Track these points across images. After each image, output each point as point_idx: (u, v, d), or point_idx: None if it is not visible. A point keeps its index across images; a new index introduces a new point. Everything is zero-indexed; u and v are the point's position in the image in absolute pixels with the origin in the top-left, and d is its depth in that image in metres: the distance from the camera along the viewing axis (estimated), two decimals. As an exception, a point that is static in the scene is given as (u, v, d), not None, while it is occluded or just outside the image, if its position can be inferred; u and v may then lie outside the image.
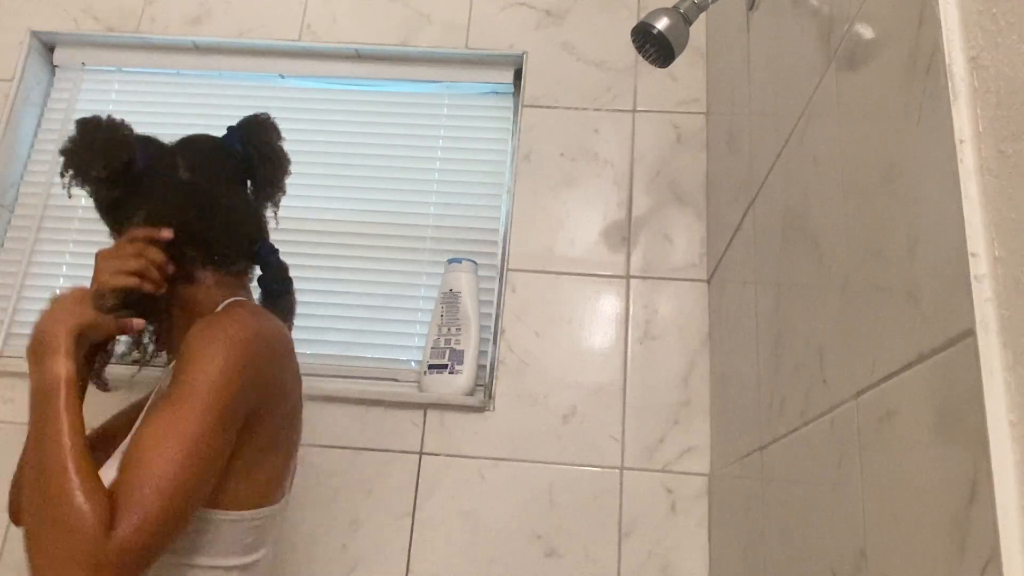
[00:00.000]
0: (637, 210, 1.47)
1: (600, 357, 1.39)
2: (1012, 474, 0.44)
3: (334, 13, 1.63)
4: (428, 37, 1.61)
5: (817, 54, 0.83)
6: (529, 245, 1.46)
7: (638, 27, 1.07)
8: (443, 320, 1.41)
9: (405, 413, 1.37)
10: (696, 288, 1.41)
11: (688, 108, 1.52)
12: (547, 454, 1.34)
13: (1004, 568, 0.43)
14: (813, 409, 0.78)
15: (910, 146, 0.59)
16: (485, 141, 1.60)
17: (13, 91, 1.59)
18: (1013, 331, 0.46)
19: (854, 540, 0.65)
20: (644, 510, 1.30)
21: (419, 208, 1.55)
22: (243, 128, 1.09)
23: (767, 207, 1.01)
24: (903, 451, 0.57)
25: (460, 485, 1.33)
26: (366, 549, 1.31)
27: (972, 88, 0.52)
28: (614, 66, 1.55)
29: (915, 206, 0.57)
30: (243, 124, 1.10)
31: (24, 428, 0.84)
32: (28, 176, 1.62)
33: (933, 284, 0.54)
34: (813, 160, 0.82)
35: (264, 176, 1.09)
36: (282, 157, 1.11)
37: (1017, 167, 0.47)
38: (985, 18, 0.51)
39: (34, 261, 1.56)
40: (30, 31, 1.64)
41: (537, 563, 1.29)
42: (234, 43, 1.64)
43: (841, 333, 0.71)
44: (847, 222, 0.71)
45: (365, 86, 1.65)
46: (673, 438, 1.33)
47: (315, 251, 1.53)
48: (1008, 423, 0.45)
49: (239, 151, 1.08)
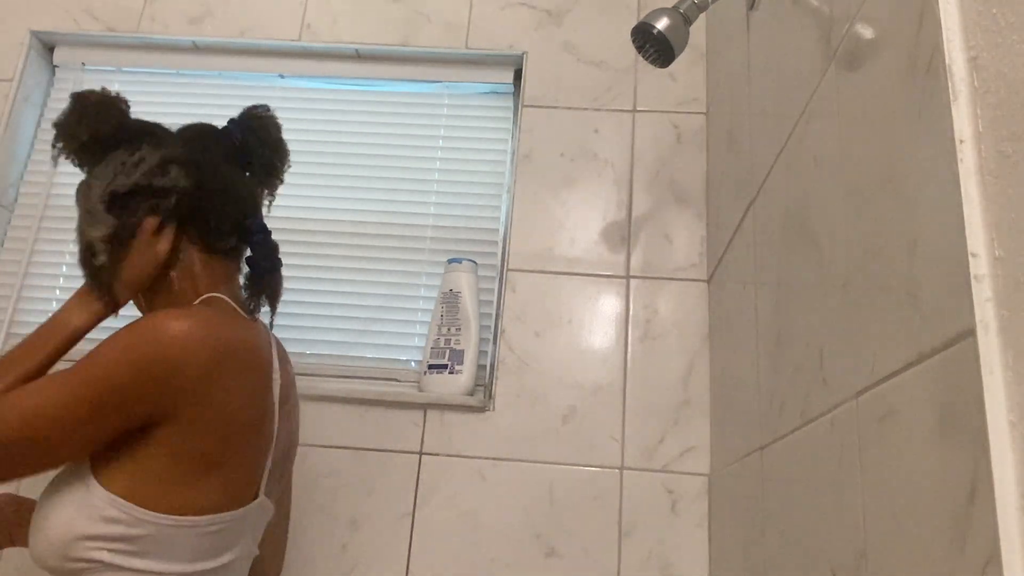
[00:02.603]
0: (637, 210, 1.47)
1: (600, 357, 1.39)
2: (1012, 474, 0.44)
3: (334, 13, 1.63)
4: (428, 37, 1.61)
5: (817, 54, 0.83)
6: (529, 245, 1.46)
7: (638, 27, 1.07)
8: (443, 320, 1.41)
9: (405, 413, 1.38)
10: (696, 288, 1.41)
11: (688, 108, 1.52)
12: (547, 454, 1.34)
13: (1004, 568, 0.43)
14: (813, 409, 0.78)
15: (910, 146, 0.59)
16: (485, 141, 1.60)
17: (13, 91, 1.59)
18: (1013, 331, 0.46)
19: (854, 540, 0.65)
20: (644, 510, 1.30)
21: (419, 208, 1.55)
22: (242, 118, 1.10)
23: (767, 207, 1.01)
24: (903, 451, 0.57)
25: (460, 485, 1.33)
26: (366, 549, 1.31)
27: (972, 88, 0.52)
28: (614, 66, 1.55)
29: (915, 206, 0.57)
30: (243, 114, 1.10)
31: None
32: (28, 176, 1.62)
33: (933, 284, 0.54)
34: (813, 160, 0.82)
35: (261, 161, 1.09)
36: (280, 146, 1.11)
37: (1017, 167, 0.47)
38: (985, 18, 0.51)
39: (34, 261, 1.56)
40: (30, 31, 1.64)
41: (537, 563, 1.29)
42: (234, 43, 1.64)
43: (841, 333, 0.71)
44: (847, 222, 0.71)
45: (365, 86, 1.65)
46: (673, 438, 1.33)
47: (315, 251, 1.53)
48: (1008, 423, 0.45)
49: (238, 137, 1.07)
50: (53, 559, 0.83)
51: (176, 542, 0.85)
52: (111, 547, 0.82)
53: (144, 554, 0.83)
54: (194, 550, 0.86)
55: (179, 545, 0.85)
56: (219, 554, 0.89)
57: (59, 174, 1.60)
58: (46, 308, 1.51)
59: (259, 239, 1.06)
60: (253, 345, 0.94)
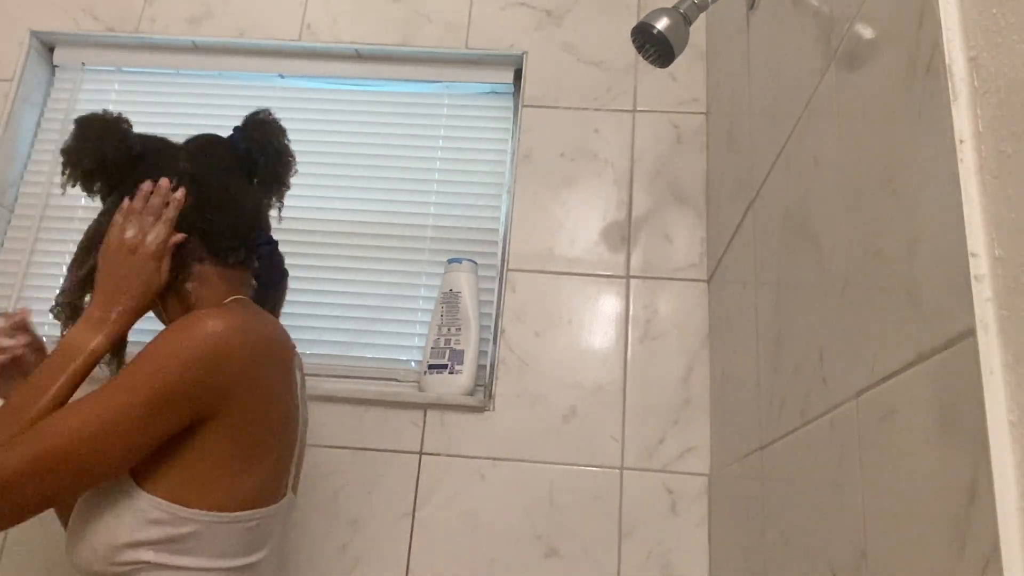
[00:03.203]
0: (637, 210, 1.47)
1: (600, 357, 1.39)
2: (1012, 474, 0.44)
3: (334, 13, 1.63)
4: (428, 37, 1.61)
5: (817, 54, 0.83)
6: (529, 245, 1.46)
7: (638, 27, 1.07)
8: (443, 320, 1.41)
9: (405, 413, 1.37)
10: (696, 288, 1.41)
11: (688, 108, 1.52)
12: (547, 454, 1.34)
13: (1004, 568, 0.43)
14: (813, 409, 0.78)
15: (910, 146, 0.59)
16: (485, 141, 1.60)
17: (13, 91, 1.59)
18: (1013, 331, 0.46)
19: (854, 540, 0.65)
20: (644, 510, 1.30)
21: (419, 208, 1.55)
22: (246, 126, 1.10)
23: (767, 207, 1.01)
24: (903, 451, 0.57)
25: (460, 485, 1.33)
26: (366, 549, 1.31)
27: (972, 88, 0.52)
28: (614, 66, 1.55)
29: (915, 206, 0.57)
30: (247, 122, 1.10)
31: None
32: (28, 176, 1.61)
33: (933, 284, 0.54)
34: (813, 160, 0.82)
35: (267, 171, 1.09)
36: (286, 153, 1.11)
37: (1017, 167, 0.47)
38: (985, 18, 0.51)
39: (34, 261, 1.56)
40: (30, 31, 1.64)
41: (537, 563, 1.29)
42: (234, 43, 1.64)
43: (841, 333, 0.71)
44: (847, 222, 0.71)
45: (365, 86, 1.65)
46: (673, 438, 1.33)
47: (315, 251, 1.53)
48: (1008, 423, 0.45)
49: (243, 148, 1.08)
50: (98, 565, 0.84)
51: (217, 538, 0.86)
52: (155, 548, 0.83)
53: (187, 551, 0.84)
54: (234, 545, 0.88)
55: (220, 541, 0.86)
56: (256, 550, 0.91)
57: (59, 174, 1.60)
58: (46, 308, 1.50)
59: (265, 252, 1.07)
60: (284, 341, 0.97)
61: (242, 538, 0.88)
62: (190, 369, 0.83)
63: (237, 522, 0.87)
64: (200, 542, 0.85)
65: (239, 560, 0.89)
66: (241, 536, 0.88)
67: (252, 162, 1.08)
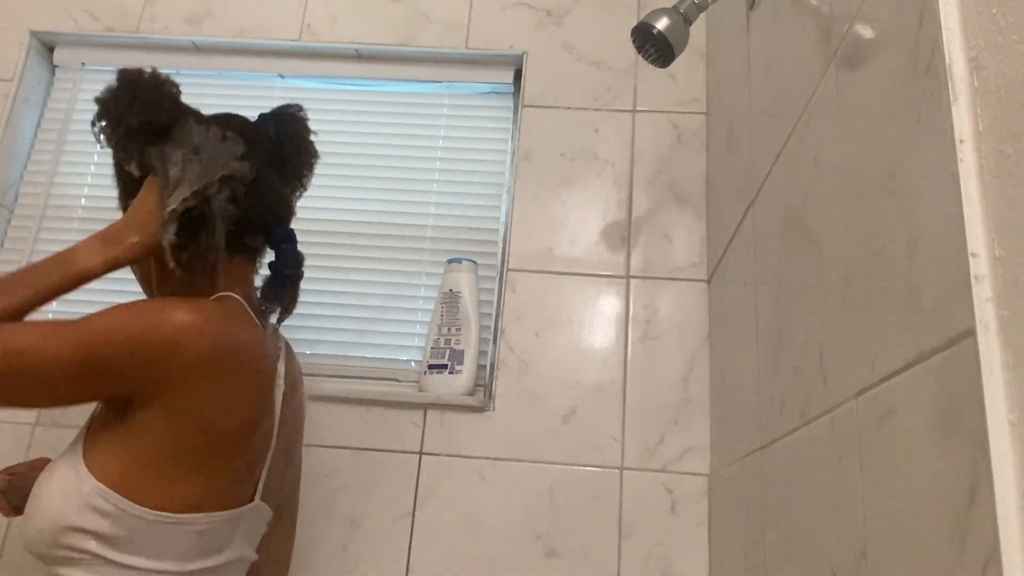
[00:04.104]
0: (637, 210, 1.47)
1: (600, 357, 1.39)
2: (1012, 474, 0.44)
3: (334, 13, 1.63)
4: (428, 37, 1.61)
5: (817, 54, 0.83)
6: (529, 245, 1.46)
7: (638, 27, 1.07)
8: (443, 320, 1.41)
9: (405, 413, 1.38)
10: (696, 288, 1.41)
11: (688, 108, 1.52)
12: (547, 454, 1.34)
13: (1004, 568, 0.43)
14: (813, 409, 0.78)
15: (910, 146, 0.59)
16: (485, 141, 1.60)
17: (13, 91, 1.59)
18: (1013, 331, 0.46)
19: (854, 540, 0.65)
20: (644, 510, 1.30)
21: (419, 208, 1.55)
22: (277, 116, 1.08)
23: (767, 207, 1.01)
24: (903, 451, 0.57)
25: (460, 485, 1.33)
26: (366, 549, 1.31)
27: (972, 88, 0.52)
28: (614, 66, 1.55)
29: (915, 206, 0.57)
30: (277, 112, 1.09)
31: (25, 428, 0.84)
32: (28, 176, 1.61)
33: (933, 284, 0.54)
34: (813, 160, 0.82)
35: (293, 164, 1.08)
36: (311, 150, 1.10)
37: (1017, 167, 0.47)
38: (985, 18, 0.51)
39: (34, 261, 1.56)
40: (30, 31, 1.64)
41: (537, 563, 1.29)
42: (234, 43, 1.64)
43: (841, 333, 0.71)
44: (847, 222, 0.71)
45: (365, 86, 1.65)
46: (673, 438, 1.33)
47: (315, 251, 1.52)
48: (1008, 423, 0.45)
49: (272, 135, 1.06)
50: (43, 546, 0.84)
51: (161, 539, 0.84)
52: (98, 539, 0.82)
53: (131, 549, 0.83)
54: (181, 549, 0.86)
55: (165, 542, 0.85)
56: (207, 555, 0.88)
57: (59, 174, 1.61)
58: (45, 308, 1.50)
59: (288, 247, 1.05)
60: (257, 349, 0.93)
61: (191, 541, 0.86)
62: (134, 349, 0.82)
63: (182, 524, 0.85)
64: (144, 540, 0.83)
65: (189, 564, 0.86)
66: (189, 539, 0.86)
67: (279, 152, 1.06)
